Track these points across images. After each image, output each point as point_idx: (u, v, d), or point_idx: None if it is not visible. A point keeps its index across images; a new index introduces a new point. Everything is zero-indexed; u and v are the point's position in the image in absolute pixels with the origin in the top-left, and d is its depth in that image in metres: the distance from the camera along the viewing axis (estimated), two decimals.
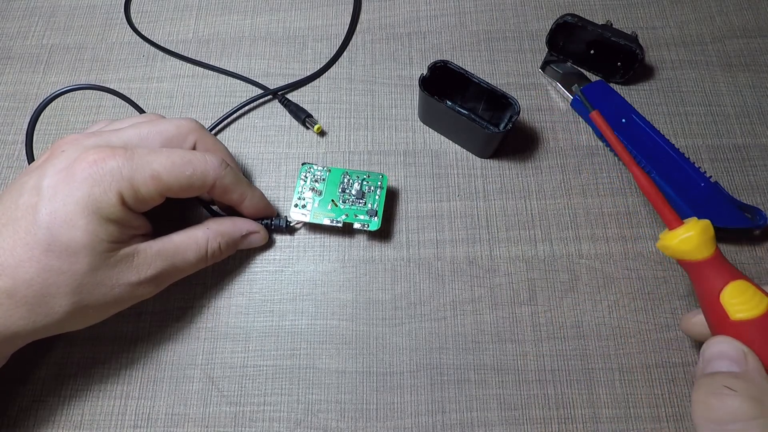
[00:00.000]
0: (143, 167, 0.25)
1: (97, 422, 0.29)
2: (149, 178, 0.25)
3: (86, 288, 0.25)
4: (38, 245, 0.23)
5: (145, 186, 0.25)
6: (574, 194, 0.34)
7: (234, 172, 0.28)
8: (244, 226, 0.31)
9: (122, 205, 0.25)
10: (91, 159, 0.24)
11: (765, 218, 0.31)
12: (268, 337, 0.31)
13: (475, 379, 0.29)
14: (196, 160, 0.27)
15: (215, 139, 0.30)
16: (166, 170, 0.26)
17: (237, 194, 0.29)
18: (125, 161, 0.25)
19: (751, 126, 0.36)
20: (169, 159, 0.26)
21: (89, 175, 0.24)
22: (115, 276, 0.25)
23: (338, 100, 0.37)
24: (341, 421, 0.29)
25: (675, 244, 0.23)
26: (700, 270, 0.23)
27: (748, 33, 0.39)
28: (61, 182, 0.24)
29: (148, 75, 0.38)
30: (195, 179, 0.26)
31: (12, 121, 0.37)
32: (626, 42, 0.34)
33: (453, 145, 0.35)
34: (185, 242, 0.28)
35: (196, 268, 0.29)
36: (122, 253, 0.25)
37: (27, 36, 0.40)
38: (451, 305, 0.31)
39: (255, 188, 0.31)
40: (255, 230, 0.31)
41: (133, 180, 0.25)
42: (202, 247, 0.29)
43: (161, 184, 0.25)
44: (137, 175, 0.25)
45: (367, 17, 0.40)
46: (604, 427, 0.28)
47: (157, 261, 0.27)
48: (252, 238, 0.31)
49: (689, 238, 0.23)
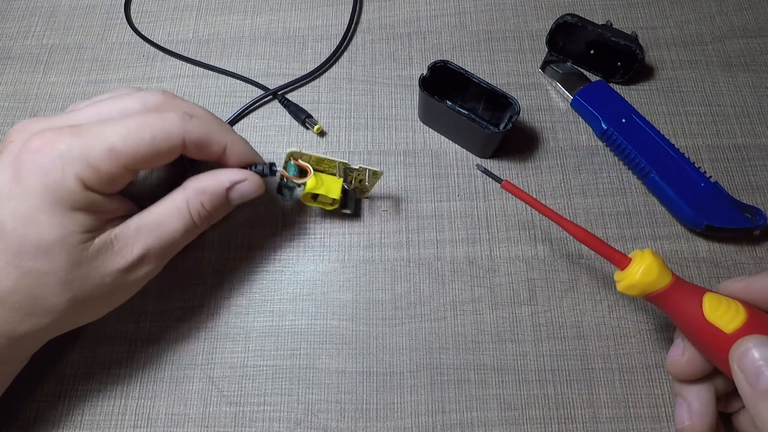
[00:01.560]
0: (96, 141, 0.22)
1: (97, 422, 0.29)
2: (105, 152, 0.22)
3: (75, 283, 0.23)
4: (9, 250, 0.22)
5: (104, 162, 0.22)
6: (574, 194, 0.34)
7: (202, 122, 0.25)
8: (226, 176, 0.27)
9: (86, 190, 0.22)
10: (35, 146, 0.22)
11: (765, 218, 0.31)
12: (268, 337, 0.31)
13: (475, 379, 0.29)
14: (153, 120, 0.24)
15: (192, 105, 0.27)
16: (122, 139, 0.23)
17: (215, 145, 0.26)
18: (73, 139, 0.22)
19: (751, 126, 0.36)
20: (123, 127, 0.23)
21: (37, 164, 0.22)
22: (101, 266, 0.23)
23: (338, 100, 0.37)
24: (341, 421, 0.29)
25: (639, 279, 0.22)
26: (671, 297, 0.22)
27: (748, 33, 0.39)
28: (12, 177, 0.22)
29: (148, 75, 0.38)
30: (158, 141, 0.23)
31: (12, 121, 0.37)
32: (626, 42, 0.34)
33: (453, 145, 0.35)
34: (166, 211, 0.25)
35: (190, 236, 0.27)
36: (98, 241, 0.23)
37: (27, 36, 0.40)
38: (451, 305, 0.31)
39: (234, 134, 0.27)
40: (240, 178, 0.27)
41: (88, 158, 0.22)
42: (184, 211, 0.26)
43: (121, 156, 0.23)
44: (91, 151, 0.22)
45: (367, 17, 0.40)
46: (604, 427, 0.28)
47: (139, 239, 0.24)
48: (242, 189, 0.27)
49: (650, 267, 0.22)
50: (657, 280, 0.22)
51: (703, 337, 0.22)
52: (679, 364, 0.24)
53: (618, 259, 0.23)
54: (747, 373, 0.20)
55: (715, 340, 0.21)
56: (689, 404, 0.24)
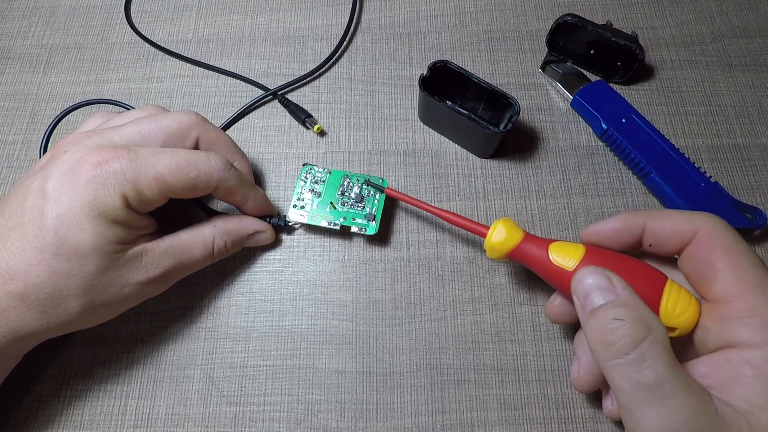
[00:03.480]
0: (147, 169, 0.25)
1: (97, 422, 0.29)
2: (153, 180, 0.25)
3: (97, 288, 0.25)
4: (47, 249, 0.23)
5: (149, 188, 0.25)
6: (574, 194, 0.34)
7: (238, 174, 0.28)
8: (251, 225, 0.31)
9: (126, 207, 0.25)
10: (94, 161, 0.24)
11: (765, 218, 0.31)
12: (268, 337, 0.31)
13: (475, 379, 0.29)
14: (200, 162, 0.26)
15: (219, 132, 0.30)
16: (169, 172, 0.25)
17: (240, 196, 0.29)
18: (129, 163, 0.24)
19: (751, 126, 0.36)
20: (173, 161, 0.26)
21: (93, 177, 0.24)
22: (125, 276, 0.25)
23: (338, 100, 0.37)
24: (341, 421, 0.29)
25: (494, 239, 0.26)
26: (525, 252, 0.26)
27: (748, 33, 0.39)
28: (66, 185, 0.24)
29: (148, 75, 0.38)
30: (199, 181, 0.26)
31: (12, 121, 0.37)
32: (626, 42, 0.34)
33: (453, 145, 0.35)
34: (192, 240, 0.28)
35: (202, 266, 0.29)
36: (130, 253, 0.25)
37: (27, 36, 0.40)
38: (451, 305, 0.31)
39: (258, 189, 0.31)
40: (262, 229, 0.31)
41: (137, 182, 0.24)
42: (209, 245, 0.29)
43: (165, 186, 0.25)
44: (141, 177, 0.25)
45: (367, 17, 0.40)
46: (604, 427, 0.28)
47: (165, 259, 0.27)
48: (258, 237, 0.31)
49: (500, 228, 0.26)
50: (508, 238, 0.26)
51: (555, 279, 0.25)
52: (551, 308, 0.27)
53: (481, 229, 0.27)
54: (580, 298, 0.23)
55: (562, 279, 0.24)
56: (578, 358, 0.26)
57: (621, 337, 0.20)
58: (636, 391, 0.20)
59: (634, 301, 0.22)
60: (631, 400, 0.20)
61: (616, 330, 0.21)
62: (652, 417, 0.20)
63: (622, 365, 0.20)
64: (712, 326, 0.22)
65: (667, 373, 0.20)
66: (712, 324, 0.22)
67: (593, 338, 0.22)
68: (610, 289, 0.22)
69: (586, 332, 0.22)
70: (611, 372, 0.21)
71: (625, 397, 0.21)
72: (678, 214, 0.24)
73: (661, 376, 0.20)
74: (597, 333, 0.21)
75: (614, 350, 0.21)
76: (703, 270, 0.23)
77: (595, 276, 0.22)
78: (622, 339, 0.20)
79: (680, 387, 0.20)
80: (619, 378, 0.21)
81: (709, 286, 0.22)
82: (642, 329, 0.20)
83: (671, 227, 0.24)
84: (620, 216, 0.25)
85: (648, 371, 0.20)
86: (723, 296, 0.22)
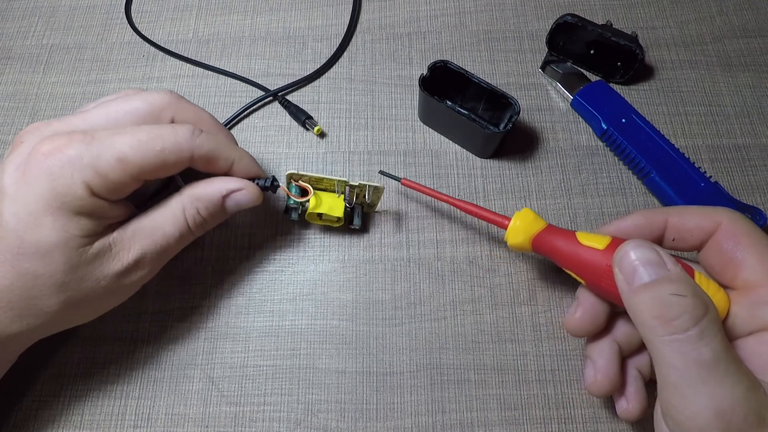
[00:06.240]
0: (106, 150, 0.23)
1: (97, 422, 0.29)
2: (115, 161, 0.23)
3: (71, 285, 0.23)
4: (8, 250, 0.22)
5: (113, 171, 0.23)
6: (574, 194, 0.34)
7: (211, 137, 0.26)
8: (223, 185, 0.27)
9: (92, 196, 0.23)
10: (45, 150, 0.22)
11: (765, 218, 0.31)
12: (268, 337, 0.31)
13: (475, 379, 0.29)
14: (165, 134, 0.24)
15: (197, 109, 0.27)
16: (132, 150, 0.23)
17: (223, 161, 0.26)
18: (85, 147, 0.22)
19: (751, 126, 0.36)
20: (134, 137, 0.23)
21: (47, 167, 0.22)
22: (98, 269, 0.24)
23: (338, 101, 0.37)
24: (341, 421, 0.29)
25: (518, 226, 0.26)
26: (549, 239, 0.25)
27: (748, 33, 0.39)
28: (20, 179, 0.22)
29: (148, 75, 0.38)
30: (167, 154, 0.24)
31: (12, 121, 0.37)
32: (626, 42, 0.34)
33: (453, 145, 0.35)
34: (161, 216, 0.26)
35: (184, 242, 0.27)
36: (98, 244, 0.24)
37: (27, 36, 0.40)
38: (451, 305, 0.31)
39: (241, 150, 0.28)
40: (238, 187, 0.27)
41: (98, 166, 0.22)
42: (180, 217, 0.26)
43: (130, 166, 0.23)
44: (101, 160, 0.22)
45: (367, 17, 0.40)
46: (604, 427, 0.28)
47: (136, 243, 0.25)
48: (237, 198, 0.27)
49: (524, 216, 0.26)
50: (532, 224, 0.26)
51: (584, 262, 0.24)
52: (573, 320, 0.26)
53: (501, 221, 0.27)
54: (625, 273, 0.22)
55: (592, 260, 0.24)
56: (594, 362, 0.25)
57: (681, 312, 0.20)
58: (691, 369, 0.20)
59: (688, 277, 0.21)
60: (683, 377, 0.20)
61: (675, 305, 0.20)
62: (704, 396, 0.19)
63: (679, 341, 0.20)
64: (741, 312, 0.22)
65: (723, 352, 0.20)
66: (742, 310, 0.22)
67: (648, 313, 0.21)
68: (661, 264, 0.21)
69: (633, 307, 0.21)
70: (666, 348, 0.20)
71: (677, 375, 0.20)
72: (698, 209, 0.24)
73: (718, 355, 0.19)
74: (652, 308, 0.21)
75: (673, 326, 0.20)
76: (729, 259, 0.23)
77: (643, 249, 0.22)
78: (683, 315, 0.20)
79: (734, 366, 0.20)
80: (674, 354, 0.20)
81: (736, 274, 0.22)
82: (702, 306, 0.20)
83: (694, 221, 0.24)
84: (640, 213, 0.25)
85: (706, 349, 0.19)
86: (752, 282, 0.22)
